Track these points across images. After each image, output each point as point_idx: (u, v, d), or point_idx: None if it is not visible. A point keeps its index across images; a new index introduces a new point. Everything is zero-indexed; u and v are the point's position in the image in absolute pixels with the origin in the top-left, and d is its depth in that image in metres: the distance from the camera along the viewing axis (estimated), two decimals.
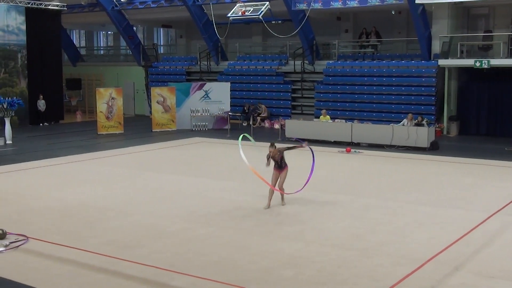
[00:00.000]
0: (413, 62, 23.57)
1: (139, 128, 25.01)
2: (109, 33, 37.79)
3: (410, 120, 19.53)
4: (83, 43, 39.77)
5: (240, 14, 24.25)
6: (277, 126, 23.70)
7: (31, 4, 25.88)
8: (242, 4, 24.44)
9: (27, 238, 9.08)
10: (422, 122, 19.31)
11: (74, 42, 37.08)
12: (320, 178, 13.94)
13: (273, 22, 25.43)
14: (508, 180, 13.96)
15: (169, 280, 7.45)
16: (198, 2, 26.77)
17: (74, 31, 38.71)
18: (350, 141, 19.59)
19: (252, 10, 23.97)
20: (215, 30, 26.61)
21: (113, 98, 23.34)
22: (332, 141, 19.83)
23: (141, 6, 28.40)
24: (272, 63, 27.32)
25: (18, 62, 25.75)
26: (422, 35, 22.61)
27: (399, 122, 20.06)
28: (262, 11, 23.61)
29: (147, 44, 33.50)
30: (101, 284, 7.37)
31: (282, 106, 26.15)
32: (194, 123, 24.30)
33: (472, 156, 17.29)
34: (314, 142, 19.07)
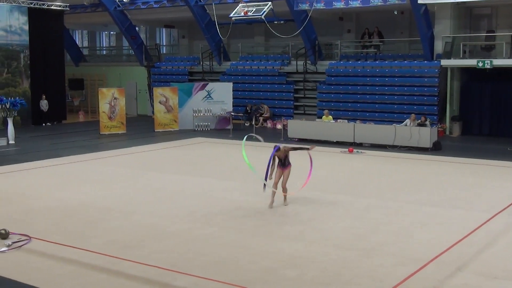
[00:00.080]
0: (415, 62, 23.55)
1: (142, 128, 25.03)
2: (111, 33, 37.83)
3: (413, 120, 19.49)
4: (86, 43, 39.80)
5: (242, 14, 24.24)
6: (279, 126, 23.68)
7: (34, 4, 25.91)
8: (245, 4, 24.44)
9: (30, 238, 9.09)
10: (425, 122, 19.26)
11: (77, 42, 37.11)
12: (322, 178, 13.95)
13: (275, 22, 25.42)
14: (510, 180, 13.94)
15: (171, 280, 7.45)
16: (201, 2, 26.78)
17: (77, 31, 38.75)
18: (353, 141, 19.57)
19: (254, 10, 23.96)
20: (218, 30, 26.61)
21: (115, 98, 23.36)
22: (334, 141, 19.82)
23: (143, 6, 28.41)
24: (274, 63, 27.31)
25: (20, 62, 25.78)
26: (424, 35, 22.58)
27: (402, 122, 20.02)
28: (264, 11, 23.61)
29: (150, 44, 33.53)
30: (103, 284, 7.38)
31: (284, 106, 26.14)
32: (196, 123, 24.30)
33: (474, 156, 17.26)
34: (317, 142, 19.07)
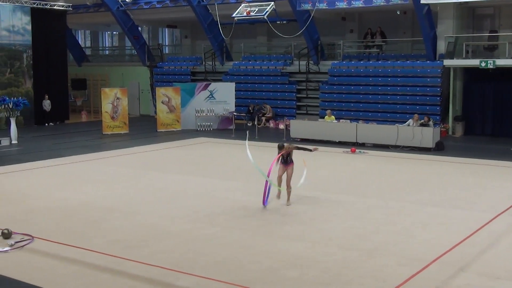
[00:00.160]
0: (418, 62, 23.51)
1: (144, 128, 25.04)
2: (114, 33, 37.87)
3: (416, 120, 19.46)
4: (88, 43, 39.86)
5: (245, 14, 24.24)
6: (282, 126, 23.68)
7: (37, 4, 25.95)
8: (247, 4, 24.43)
9: (32, 237, 9.10)
10: (428, 122, 19.23)
11: (80, 42, 37.17)
12: (324, 178, 13.96)
13: (278, 22, 25.40)
14: None
15: (174, 280, 7.46)
16: (203, 2, 26.79)
17: (80, 31, 38.81)
18: (355, 141, 19.56)
19: (257, 10, 23.96)
20: (220, 30, 26.61)
21: (118, 98, 23.38)
22: (337, 141, 19.80)
23: (146, 7, 28.43)
24: (277, 63, 27.30)
25: (23, 62, 25.82)
26: (427, 35, 22.55)
27: (404, 122, 20.00)
28: (267, 11, 23.60)
29: (152, 44, 33.53)
30: (106, 284, 7.39)
31: (287, 106, 26.13)
32: (199, 123, 24.32)
33: (477, 156, 17.23)
34: (319, 142, 19.10)
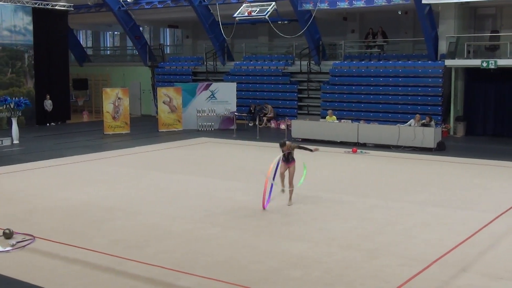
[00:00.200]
0: (419, 62, 23.50)
1: (146, 128, 25.05)
2: (115, 33, 37.88)
3: (417, 121, 19.44)
4: (90, 43, 39.89)
5: (246, 14, 24.25)
6: (283, 127, 23.67)
7: (38, 4, 25.97)
8: (248, 4, 24.44)
9: (34, 237, 9.10)
10: (430, 122, 19.20)
11: (81, 42, 37.21)
12: (326, 178, 13.95)
13: (279, 22, 25.41)
14: None
15: (175, 280, 7.45)
16: (205, 2, 26.79)
17: (81, 32, 38.84)
18: (357, 141, 19.55)
19: (258, 10, 23.95)
20: (221, 30, 26.61)
21: (119, 98, 23.39)
22: (338, 141, 19.79)
23: (147, 7, 28.45)
24: (278, 63, 27.30)
25: (25, 62, 25.83)
26: (428, 35, 22.54)
27: (405, 123, 19.97)
28: (268, 11, 23.60)
29: (154, 44, 33.56)
30: (107, 283, 7.38)
31: (288, 107, 26.13)
32: (200, 123, 24.32)
33: (478, 156, 17.21)
34: (320, 142, 19.09)
